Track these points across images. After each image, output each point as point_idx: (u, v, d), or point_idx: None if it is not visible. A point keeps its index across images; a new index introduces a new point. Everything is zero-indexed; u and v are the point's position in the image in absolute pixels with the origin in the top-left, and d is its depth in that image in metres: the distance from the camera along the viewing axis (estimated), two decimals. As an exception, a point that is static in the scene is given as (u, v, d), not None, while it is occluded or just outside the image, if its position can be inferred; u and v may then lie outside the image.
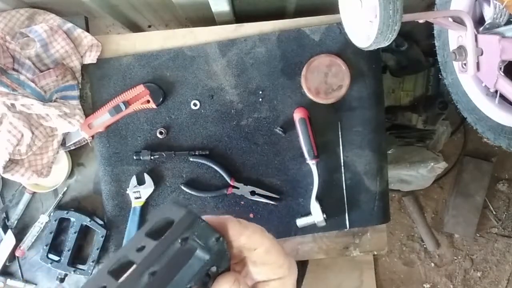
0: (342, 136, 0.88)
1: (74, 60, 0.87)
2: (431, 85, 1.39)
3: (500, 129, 0.79)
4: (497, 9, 0.74)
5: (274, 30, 0.89)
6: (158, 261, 0.28)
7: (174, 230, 0.29)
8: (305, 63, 0.86)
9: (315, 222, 0.86)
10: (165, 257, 0.28)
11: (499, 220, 1.87)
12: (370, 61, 0.89)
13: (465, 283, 1.87)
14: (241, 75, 0.89)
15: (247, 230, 0.35)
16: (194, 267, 0.30)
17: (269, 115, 0.89)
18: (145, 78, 0.89)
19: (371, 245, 0.92)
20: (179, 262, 0.29)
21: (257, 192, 0.88)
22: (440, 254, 1.88)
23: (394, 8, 0.57)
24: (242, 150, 0.90)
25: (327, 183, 0.89)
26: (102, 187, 0.90)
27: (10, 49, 0.84)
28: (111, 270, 0.28)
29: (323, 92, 0.86)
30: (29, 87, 0.83)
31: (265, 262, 0.35)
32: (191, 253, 0.30)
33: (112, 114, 0.87)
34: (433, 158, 1.40)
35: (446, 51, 0.88)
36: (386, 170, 0.92)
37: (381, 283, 1.86)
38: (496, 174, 1.87)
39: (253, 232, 0.35)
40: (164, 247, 0.28)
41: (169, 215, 0.30)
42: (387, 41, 0.61)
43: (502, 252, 1.87)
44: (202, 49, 0.89)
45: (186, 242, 0.29)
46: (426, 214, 1.88)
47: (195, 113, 0.90)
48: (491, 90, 0.79)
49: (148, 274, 0.27)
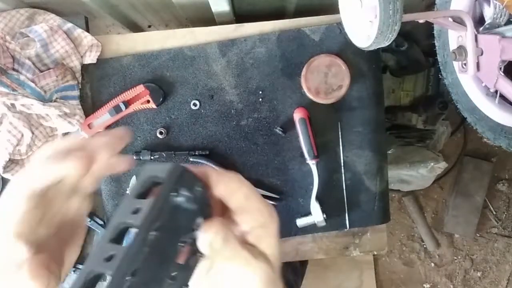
0: (342, 136, 0.89)
1: (74, 60, 0.88)
2: (431, 85, 1.39)
3: (500, 129, 0.79)
4: (497, 9, 0.75)
5: (274, 30, 0.89)
6: (158, 218, 0.28)
7: (166, 185, 0.29)
8: (305, 63, 0.86)
9: (315, 222, 0.86)
10: (163, 213, 0.28)
11: (499, 220, 1.87)
12: (370, 61, 0.89)
13: (465, 283, 1.87)
14: (241, 75, 0.89)
15: (225, 177, 0.35)
16: (185, 219, 0.30)
17: (269, 115, 0.89)
18: (145, 78, 0.89)
19: (371, 245, 0.92)
20: (175, 216, 0.29)
21: (257, 192, 0.88)
22: (440, 254, 1.88)
23: (394, 8, 0.57)
24: (242, 150, 0.90)
25: (327, 183, 0.89)
26: (102, 187, 0.90)
27: (10, 49, 0.84)
28: (112, 238, 0.27)
29: (323, 92, 0.86)
30: (29, 87, 0.83)
31: (246, 208, 0.35)
32: (182, 206, 0.30)
33: (112, 114, 0.87)
34: (433, 158, 1.40)
35: (446, 51, 0.88)
36: (386, 170, 0.92)
37: (381, 283, 1.86)
38: (496, 174, 1.87)
39: (230, 178, 0.35)
40: (160, 203, 0.28)
41: (155, 173, 0.30)
42: (387, 41, 0.61)
43: (502, 252, 1.87)
44: (202, 49, 0.89)
45: (178, 195, 0.29)
46: (426, 214, 1.89)
47: (195, 113, 0.90)
48: (491, 90, 0.79)
49: (153, 232, 0.27)
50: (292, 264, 1.26)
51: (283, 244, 0.90)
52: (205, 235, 0.32)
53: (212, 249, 0.32)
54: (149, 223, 0.27)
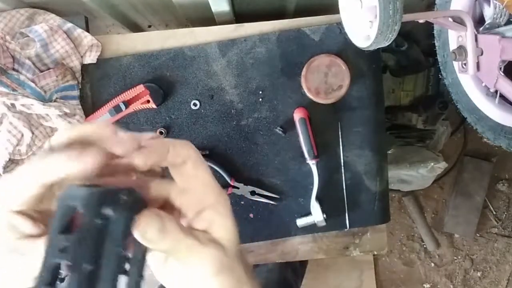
0: (342, 136, 0.89)
1: (74, 60, 0.88)
2: (431, 85, 1.39)
3: (500, 129, 0.79)
4: (497, 9, 0.75)
5: (274, 30, 0.89)
6: (87, 251, 0.27)
7: (85, 218, 0.27)
8: (305, 63, 0.86)
9: (315, 222, 0.86)
10: (92, 238, 0.27)
11: (499, 220, 1.87)
12: (370, 61, 0.89)
13: (465, 283, 1.87)
14: (241, 75, 0.89)
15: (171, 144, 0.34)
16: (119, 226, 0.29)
17: (269, 115, 0.89)
18: (145, 78, 0.89)
19: (371, 245, 0.92)
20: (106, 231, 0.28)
21: (257, 192, 0.88)
22: (440, 254, 1.88)
23: (394, 8, 0.57)
24: (242, 150, 0.90)
25: (327, 183, 0.89)
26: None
27: (10, 49, 0.84)
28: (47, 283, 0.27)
29: (323, 92, 0.86)
30: (29, 87, 0.83)
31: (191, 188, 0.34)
32: (111, 219, 0.29)
33: (112, 114, 0.87)
34: (433, 158, 1.40)
35: (446, 51, 0.88)
36: (386, 170, 0.92)
37: (381, 283, 1.86)
38: (496, 174, 1.87)
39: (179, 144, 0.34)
40: (85, 236, 0.27)
41: (72, 203, 0.28)
42: (387, 41, 0.61)
43: (502, 252, 1.87)
44: (202, 49, 0.89)
45: (100, 217, 0.28)
46: (426, 214, 1.88)
47: (195, 113, 0.90)
48: (491, 90, 0.79)
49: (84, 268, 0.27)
50: (292, 264, 1.26)
51: (283, 244, 0.90)
52: (137, 229, 0.30)
53: (149, 241, 0.31)
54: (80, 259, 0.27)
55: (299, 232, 0.89)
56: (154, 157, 0.33)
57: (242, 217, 0.89)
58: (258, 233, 0.89)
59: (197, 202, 0.35)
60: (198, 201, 0.35)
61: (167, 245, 0.32)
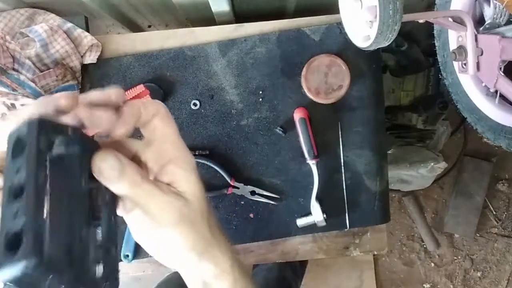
0: (342, 136, 0.89)
1: (74, 60, 0.88)
2: (431, 85, 1.39)
3: (500, 129, 0.79)
4: (497, 9, 0.75)
5: (274, 30, 0.89)
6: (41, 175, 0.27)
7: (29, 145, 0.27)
8: (305, 63, 0.86)
9: (315, 222, 0.86)
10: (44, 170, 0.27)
11: (499, 220, 1.87)
12: (370, 61, 0.89)
13: (465, 283, 1.87)
14: (241, 75, 0.89)
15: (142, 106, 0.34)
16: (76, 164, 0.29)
17: (269, 115, 0.89)
18: (145, 78, 0.89)
19: (371, 245, 0.92)
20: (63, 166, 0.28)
21: (257, 192, 0.88)
22: (440, 254, 1.88)
23: (394, 8, 0.57)
24: (242, 150, 0.90)
25: (327, 183, 0.89)
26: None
27: (10, 49, 0.84)
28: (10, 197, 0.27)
29: (323, 92, 0.86)
30: (29, 87, 0.83)
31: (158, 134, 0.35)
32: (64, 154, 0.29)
33: (112, 114, 0.87)
34: (433, 158, 1.40)
35: (446, 51, 0.88)
36: (386, 170, 0.92)
37: (381, 283, 1.86)
38: (496, 174, 1.87)
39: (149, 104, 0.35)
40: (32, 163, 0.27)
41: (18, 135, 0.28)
42: (387, 41, 0.61)
43: (502, 252, 1.87)
44: (202, 49, 0.89)
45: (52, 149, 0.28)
46: (426, 214, 1.88)
47: (195, 113, 0.90)
48: (491, 90, 0.79)
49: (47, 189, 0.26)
50: (292, 264, 1.26)
51: (283, 244, 0.90)
52: (93, 164, 0.31)
53: (107, 179, 0.31)
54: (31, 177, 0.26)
55: (299, 232, 0.89)
56: (129, 124, 0.33)
57: (242, 217, 0.89)
58: (258, 233, 0.89)
59: (161, 156, 0.35)
60: (162, 154, 0.35)
61: (126, 187, 0.32)
